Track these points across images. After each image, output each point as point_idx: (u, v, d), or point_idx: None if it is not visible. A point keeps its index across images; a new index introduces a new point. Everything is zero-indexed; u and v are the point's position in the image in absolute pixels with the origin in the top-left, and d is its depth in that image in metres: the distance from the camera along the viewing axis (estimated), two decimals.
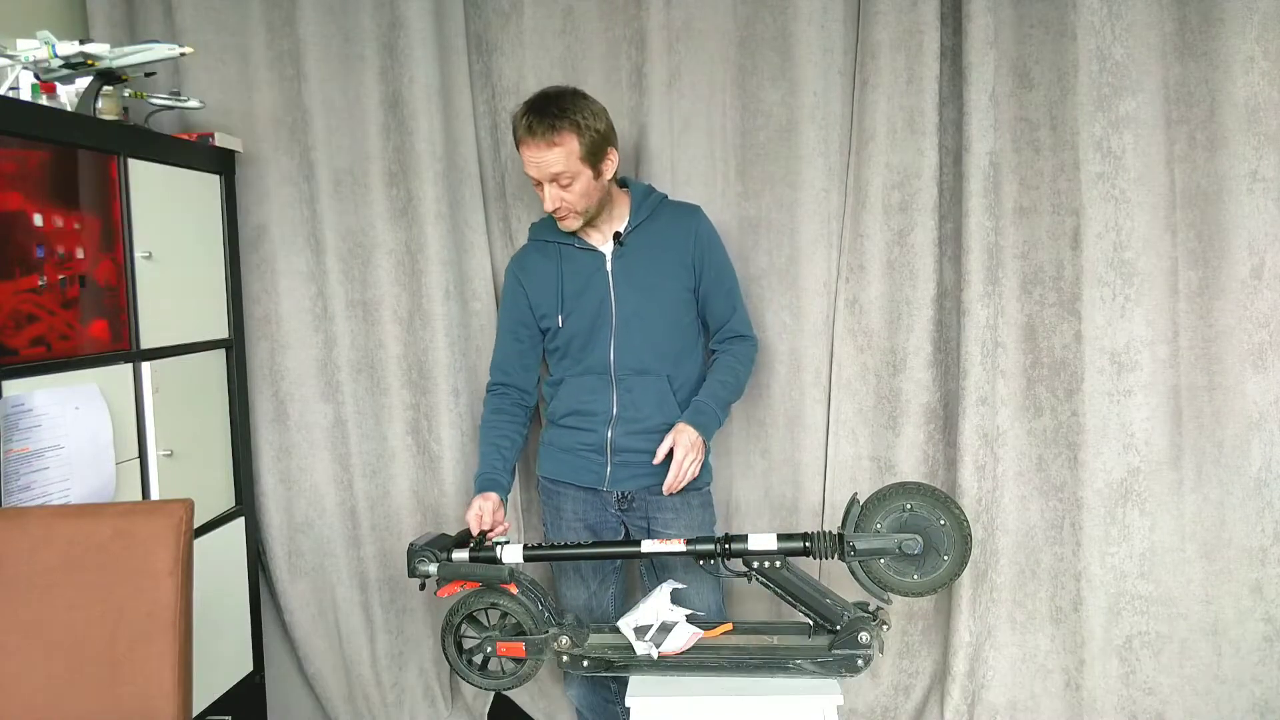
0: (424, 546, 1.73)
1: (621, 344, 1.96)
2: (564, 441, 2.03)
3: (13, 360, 1.61)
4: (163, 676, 1.44)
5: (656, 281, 1.97)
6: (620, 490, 2.00)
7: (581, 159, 1.84)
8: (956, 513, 1.68)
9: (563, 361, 2.03)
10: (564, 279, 1.98)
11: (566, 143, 1.82)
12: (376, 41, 2.26)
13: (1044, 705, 2.26)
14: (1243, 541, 2.12)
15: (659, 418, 1.96)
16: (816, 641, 1.71)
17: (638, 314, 1.96)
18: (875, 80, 2.17)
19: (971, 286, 2.16)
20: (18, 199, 1.62)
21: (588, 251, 1.98)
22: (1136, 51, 2.07)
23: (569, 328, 1.98)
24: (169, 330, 2.00)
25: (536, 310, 2.02)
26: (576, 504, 2.04)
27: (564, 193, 1.86)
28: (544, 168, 1.84)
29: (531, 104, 1.85)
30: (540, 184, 1.87)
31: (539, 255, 2.03)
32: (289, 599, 2.42)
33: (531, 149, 1.83)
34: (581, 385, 1.99)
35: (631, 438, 1.97)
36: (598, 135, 1.85)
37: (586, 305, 1.97)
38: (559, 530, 2.07)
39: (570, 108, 1.83)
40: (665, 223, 2.00)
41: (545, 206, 1.89)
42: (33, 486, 1.63)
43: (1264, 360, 2.07)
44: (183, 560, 1.47)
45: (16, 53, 1.78)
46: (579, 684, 2.11)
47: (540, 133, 1.81)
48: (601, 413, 1.98)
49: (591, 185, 1.88)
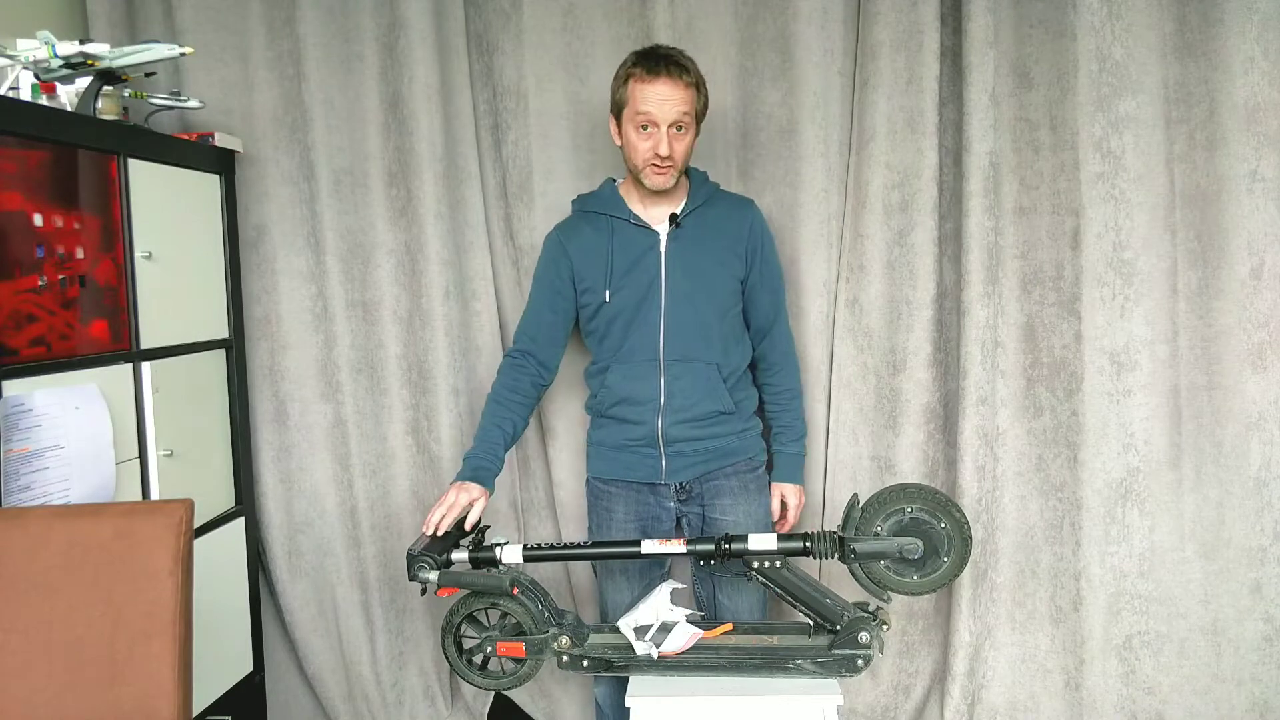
0: (422, 552, 1.73)
1: (671, 328, 1.93)
2: (613, 439, 2.00)
3: (13, 360, 1.61)
4: (163, 676, 1.44)
5: (709, 267, 1.95)
6: (678, 481, 1.99)
7: (697, 112, 1.87)
8: (957, 515, 1.68)
9: (604, 344, 1.98)
10: (614, 253, 1.95)
11: (694, 88, 1.85)
12: (376, 41, 2.26)
13: (1044, 705, 2.26)
14: (1242, 541, 2.12)
15: (708, 404, 1.94)
16: (816, 641, 1.71)
17: (689, 298, 1.93)
18: (875, 80, 2.17)
19: (971, 286, 2.16)
20: (18, 199, 1.62)
21: (642, 229, 1.95)
22: (1136, 51, 2.07)
23: (615, 303, 1.94)
24: (169, 330, 2.00)
25: (580, 282, 1.98)
26: (629, 504, 2.01)
27: (675, 143, 1.85)
28: (673, 106, 1.82)
29: (652, 50, 1.87)
30: (653, 129, 1.84)
31: (589, 227, 1.99)
32: (289, 599, 2.42)
33: (665, 85, 1.81)
34: (627, 372, 1.95)
35: (682, 427, 1.94)
36: (706, 99, 1.90)
37: (636, 283, 1.93)
38: (608, 532, 2.03)
39: (695, 63, 1.87)
40: (722, 210, 1.99)
41: (659, 150, 1.84)
42: (33, 486, 1.63)
43: (1264, 360, 2.07)
44: (183, 560, 1.47)
45: (16, 53, 1.78)
46: (608, 682, 2.07)
47: (676, 73, 1.82)
48: (649, 400, 1.94)
49: (692, 144, 1.89)
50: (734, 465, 2.00)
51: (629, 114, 1.86)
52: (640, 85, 1.83)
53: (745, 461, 2.01)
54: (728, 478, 1.99)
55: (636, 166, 1.90)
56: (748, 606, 2.02)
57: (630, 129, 1.87)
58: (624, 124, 1.89)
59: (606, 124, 2.27)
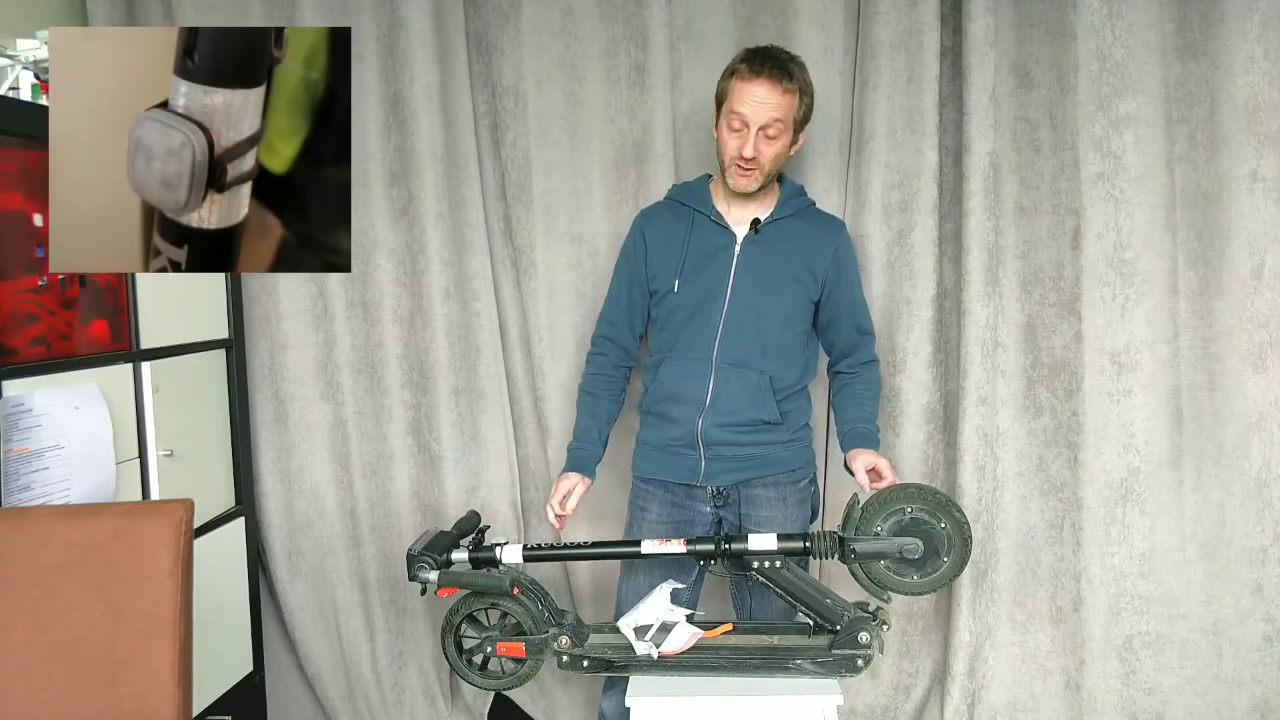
0: (422, 552, 1.73)
1: (729, 331, 1.91)
2: (655, 438, 1.99)
3: (13, 360, 1.61)
4: (163, 676, 1.44)
5: (781, 281, 1.92)
6: (715, 486, 1.96)
7: (795, 119, 1.84)
8: (957, 515, 1.67)
9: (662, 333, 1.98)
10: (690, 246, 1.94)
11: (795, 95, 1.81)
12: (376, 41, 2.26)
13: (1044, 705, 2.26)
14: (1243, 542, 2.12)
15: (752, 413, 1.91)
16: (816, 641, 1.71)
17: (752, 306, 1.91)
18: (875, 80, 2.17)
19: (971, 286, 2.16)
20: (18, 199, 1.62)
21: (721, 228, 1.94)
22: (1136, 51, 2.07)
23: (682, 295, 1.93)
24: (169, 330, 2.00)
25: (651, 267, 1.97)
26: (664, 505, 1.99)
27: (765, 146, 1.83)
28: (766, 110, 1.79)
29: (764, 50, 1.84)
30: (743, 129, 1.82)
31: (671, 215, 1.99)
32: (289, 599, 2.42)
33: (762, 88, 1.79)
34: (679, 369, 1.93)
35: (722, 430, 1.91)
36: (810, 107, 1.87)
37: (704, 281, 1.92)
38: (639, 531, 2.01)
39: (804, 68, 1.84)
40: (808, 226, 1.95)
41: (744, 152, 1.82)
42: (33, 486, 1.63)
43: (1264, 360, 2.07)
44: (183, 560, 1.47)
45: (16, 53, 1.78)
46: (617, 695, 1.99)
47: (778, 77, 1.79)
48: (695, 400, 1.92)
49: (786, 151, 1.87)
50: (774, 476, 1.95)
51: (725, 110, 1.85)
52: (740, 83, 1.81)
53: (787, 474, 1.96)
54: (766, 487, 1.95)
55: (723, 164, 1.89)
56: (777, 612, 1.97)
57: (724, 125, 1.86)
58: (720, 119, 1.87)
59: (604, 124, 2.29)
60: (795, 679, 1.67)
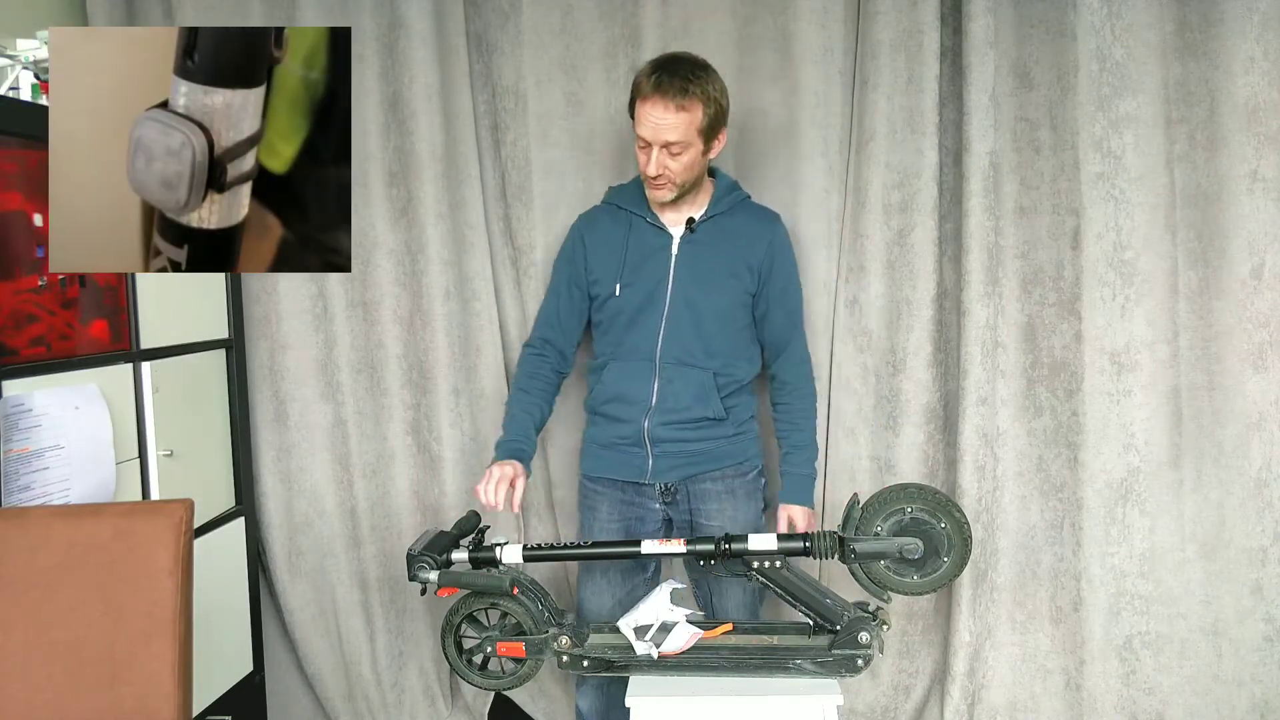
0: (422, 552, 1.73)
1: (671, 331, 1.93)
2: (603, 437, 2.01)
3: (13, 360, 1.61)
4: (162, 676, 1.44)
5: (718, 277, 1.93)
6: (663, 482, 1.98)
7: (700, 131, 1.81)
8: (957, 515, 1.67)
9: (606, 337, 1.99)
10: (628, 249, 1.95)
11: (692, 110, 1.78)
12: (376, 41, 2.26)
13: (1044, 705, 2.26)
14: (1243, 542, 2.12)
15: (698, 409, 1.93)
16: (816, 641, 1.71)
17: (691, 304, 1.92)
18: (875, 80, 2.17)
19: (971, 286, 2.16)
20: (18, 199, 1.62)
21: (657, 229, 1.95)
22: (1136, 51, 2.07)
23: (623, 299, 1.94)
24: (169, 330, 2.00)
25: (590, 273, 1.99)
26: (613, 505, 2.01)
27: (670, 161, 1.82)
28: (661, 131, 1.79)
29: (663, 63, 1.81)
30: (647, 146, 1.83)
31: (608, 219, 2.01)
32: (289, 599, 2.42)
33: (656, 108, 1.78)
34: (624, 370, 1.96)
35: (668, 428, 1.94)
36: (720, 111, 1.84)
37: (643, 282, 1.94)
38: (592, 532, 2.04)
39: (704, 77, 1.80)
40: (742, 221, 1.97)
41: (647, 170, 1.84)
42: (33, 486, 1.63)
43: (1264, 360, 2.07)
44: (183, 560, 1.47)
45: (16, 53, 1.78)
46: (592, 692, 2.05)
47: (670, 95, 1.77)
48: (640, 401, 1.95)
49: (698, 160, 1.85)
50: (721, 470, 1.99)
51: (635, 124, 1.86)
52: (639, 102, 1.82)
53: (734, 467, 2.00)
54: (714, 481, 1.98)
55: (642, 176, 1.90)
56: (735, 605, 2.01)
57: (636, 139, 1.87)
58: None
59: (604, 125, 2.29)
60: (795, 679, 1.67)
